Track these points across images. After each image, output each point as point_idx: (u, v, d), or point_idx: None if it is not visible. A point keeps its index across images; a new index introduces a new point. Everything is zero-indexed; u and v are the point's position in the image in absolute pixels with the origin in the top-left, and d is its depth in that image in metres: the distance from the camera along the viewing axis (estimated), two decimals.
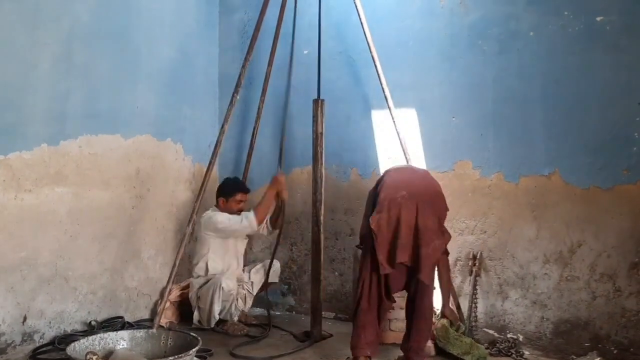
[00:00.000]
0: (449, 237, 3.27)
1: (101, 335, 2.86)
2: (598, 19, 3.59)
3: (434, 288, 3.29)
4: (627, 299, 3.46)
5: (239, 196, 4.28)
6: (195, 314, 4.12)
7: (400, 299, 3.82)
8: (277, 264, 4.45)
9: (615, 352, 3.46)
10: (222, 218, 4.15)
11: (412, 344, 3.17)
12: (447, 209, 3.28)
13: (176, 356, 2.53)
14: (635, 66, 3.48)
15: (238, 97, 4.16)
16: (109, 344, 2.82)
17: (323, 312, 3.99)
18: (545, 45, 3.75)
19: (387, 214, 3.08)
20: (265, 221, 4.30)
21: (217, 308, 3.93)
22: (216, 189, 4.43)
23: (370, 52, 4.11)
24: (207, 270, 4.18)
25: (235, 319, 4.09)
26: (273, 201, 4.21)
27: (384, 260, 3.05)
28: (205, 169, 4.19)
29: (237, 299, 4.13)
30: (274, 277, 4.42)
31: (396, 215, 3.07)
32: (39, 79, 3.60)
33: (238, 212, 4.25)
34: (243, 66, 4.16)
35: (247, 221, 4.08)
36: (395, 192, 3.13)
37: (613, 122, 3.54)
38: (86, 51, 3.88)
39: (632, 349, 3.42)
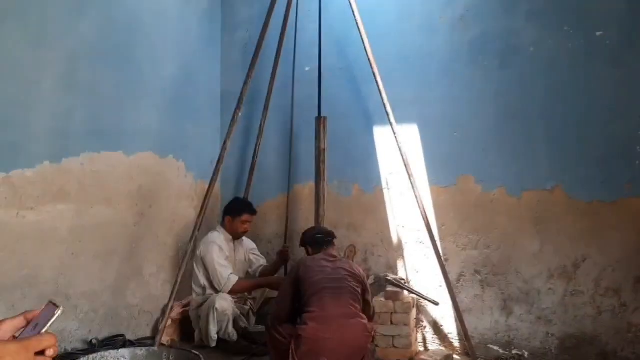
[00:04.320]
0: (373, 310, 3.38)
1: (102, 353, 2.81)
2: (598, 33, 3.61)
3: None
4: (633, 314, 3.43)
5: (245, 217, 4.29)
6: (197, 333, 4.09)
7: (403, 315, 3.79)
8: None
9: None
10: (216, 264, 4.08)
11: None
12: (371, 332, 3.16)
13: None
14: (636, 80, 3.49)
15: (240, 114, 4.17)
16: None
17: None
18: (546, 59, 3.77)
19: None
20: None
21: (213, 329, 3.90)
22: (224, 207, 4.42)
23: (371, 67, 4.11)
24: (204, 289, 4.16)
25: (235, 337, 4.02)
26: (262, 286, 4.26)
27: None
28: (207, 186, 4.19)
29: (240, 317, 4.09)
30: (274, 292, 4.39)
31: None
32: (42, 96, 3.61)
33: (243, 232, 4.31)
34: (245, 83, 4.18)
35: (228, 284, 4.05)
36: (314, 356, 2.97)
37: (615, 136, 3.54)
38: (89, 69, 3.90)
39: None
